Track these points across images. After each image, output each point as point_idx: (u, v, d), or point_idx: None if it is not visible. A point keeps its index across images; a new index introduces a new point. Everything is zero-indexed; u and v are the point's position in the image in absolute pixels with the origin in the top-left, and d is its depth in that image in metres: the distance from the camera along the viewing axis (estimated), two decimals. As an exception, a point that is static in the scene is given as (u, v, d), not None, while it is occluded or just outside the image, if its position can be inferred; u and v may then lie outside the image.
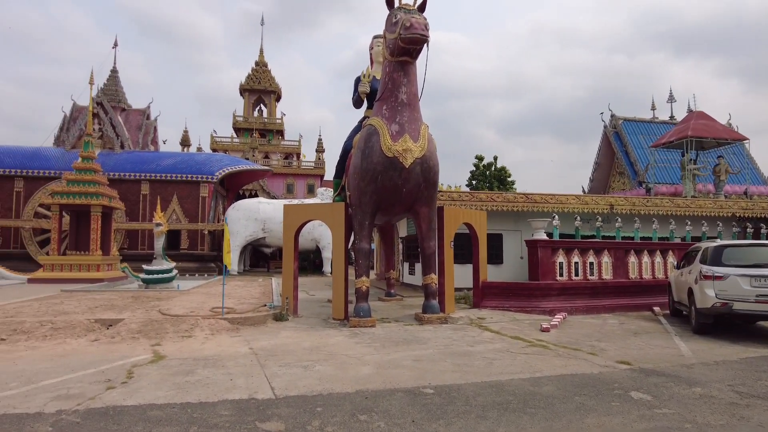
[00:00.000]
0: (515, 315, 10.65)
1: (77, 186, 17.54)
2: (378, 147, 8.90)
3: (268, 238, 26.74)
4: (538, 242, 11.40)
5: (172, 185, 25.88)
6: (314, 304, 12.39)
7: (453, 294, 10.49)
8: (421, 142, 9.12)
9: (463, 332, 8.59)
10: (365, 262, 9.27)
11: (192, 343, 7.29)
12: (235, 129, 48.71)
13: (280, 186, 44.81)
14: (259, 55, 50.98)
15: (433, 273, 9.71)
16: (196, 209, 25.97)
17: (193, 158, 27.51)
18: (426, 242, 9.62)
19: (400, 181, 8.99)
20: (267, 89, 49.70)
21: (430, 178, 9.27)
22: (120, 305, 10.37)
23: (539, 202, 14.98)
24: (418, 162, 9.02)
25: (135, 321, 8.33)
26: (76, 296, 12.11)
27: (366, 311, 9.03)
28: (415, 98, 9.23)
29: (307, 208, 10.05)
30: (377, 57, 11.39)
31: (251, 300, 11.90)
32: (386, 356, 6.57)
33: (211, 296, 12.74)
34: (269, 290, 15.04)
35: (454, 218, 10.41)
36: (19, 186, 24.86)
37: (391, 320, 9.74)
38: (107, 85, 30.01)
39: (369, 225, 9.24)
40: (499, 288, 11.22)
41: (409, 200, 9.31)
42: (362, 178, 9.01)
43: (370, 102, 11.27)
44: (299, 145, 48.67)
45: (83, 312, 9.23)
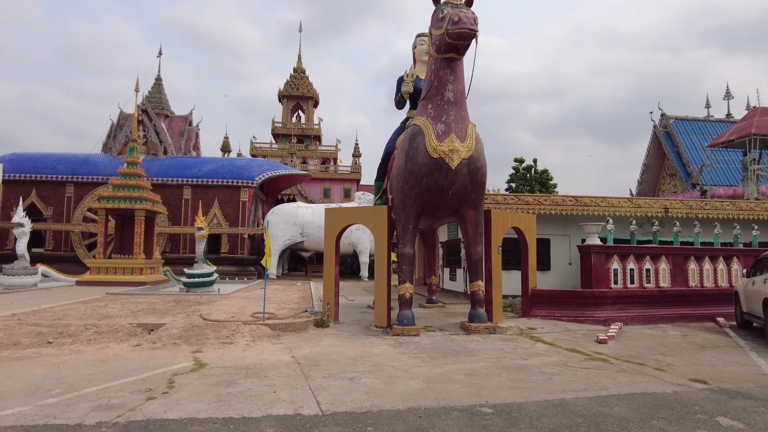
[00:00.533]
0: (567, 325, 10.05)
1: (122, 191, 17.92)
2: (423, 148, 8.54)
3: (307, 242, 26.77)
4: (592, 248, 10.76)
5: (213, 190, 26.26)
6: (354, 309, 12.11)
7: (501, 302, 9.98)
8: (468, 142, 8.71)
9: (514, 343, 8.09)
10: (409, 268, 8.90)
11: (233, 350, 7.09)
12: (273, 135, 49.37)
13: (317, 191, 45.07)
14: (297, 61, 51.59)
15: (481, 280, 9.24)
16: (236, 213, 26.25)
17: (234, 163, 27.86)
18: (473, 247, 9.18)
19: (445, 183, 8.59)
20: (305, 95, 50.18)
21: (478, 179, 8.83)
22: (161, 309, 10.35)
23: (589, 206, 14.26)
24: (465, 163, 8.61)
25: (176, 326, 8.22)
26: (119, 299, 12.24)
27: (410, 319, 8.66)
28: (462, 96, 8.83)
29: (348, 211, 9.78)
30: (420, 56, 11.05)
31: (291, 305, 11.72)
32: (435, 369, 6.17)
33: (251, 300, 12.64)
34: (308, 295, 14.87)
35: (502, 222, 9.92)
36: (70, 191, 25.76)
37: (436, 329, 9.32)
38: (151, 93, 30.84)
39: (413, 229, 8.87)
40: (550, 296, 10.62)
41: (455, 203, 8.90)
42: (406, 181, 8.66)
43: (413, 102, 10.92)
44: (336, 149, 48.83)
45: (126, 316, 9.23)
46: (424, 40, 11.06)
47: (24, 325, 8.04)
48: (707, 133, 23.97)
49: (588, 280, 10.77)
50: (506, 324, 9.73)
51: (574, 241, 15.29)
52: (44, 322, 8.28)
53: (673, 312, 11.07)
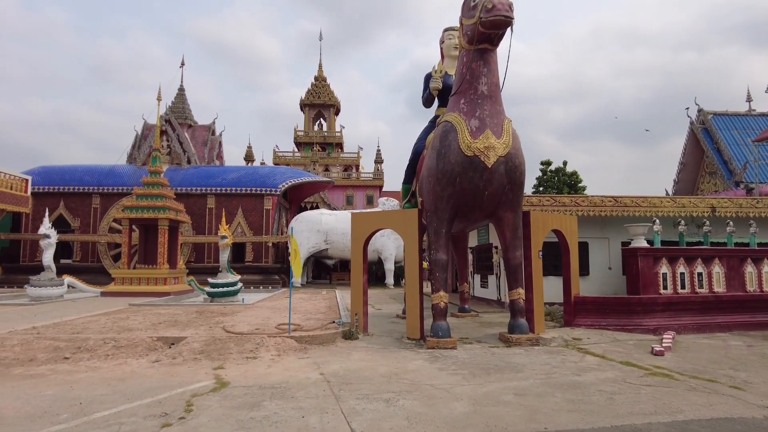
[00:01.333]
0: (614, 334, 9.27)
1: (145, 200, 17.77)
2: (456, 145, 7.94)
3: (331, 249, 26.36)
4: (639, 250, 9.96)
5: (237, 198, 26.09)
6: (383, 320, 11.52)
7: (543, 311, 9.27)
8: (504, 138, 8.08)
9: (561, 356, 7.39)
10: (443, 275, 8.28)
11: (257, 366, 6.58)
12: (296, 143, 49.39)
13: (339, 198, 44.79)
14: (318, 69, 51.62)
15: (521, 287, 8.57)
16: (260, 222, 26.00)
17: (257, 171, 27.68)
18: (511, 252, 8.51)
19: (481, 183, 7.97)
20: (326, 103, 50.12)
21: (516, 178, 8.19)
22: (183, 321, 9.95)
23: (629, 206, 13.41)
24: (501, 161, 7.98)
25: (197, 339, 7.77)
26: (142, 311, 11.91)
27: (445, 331, 8.03)
28: (497, 90, 8.22)
29: (376, 216, 9.23)
30: (449, 51, 10.49)
31: (317, 315, 11.20)
32: (480, 388, 5.53)
33: (276, 311, 12.18)
34: (334, 304, 14.35)
35: (541, 224, 9.24)
36: (96, 202, 25.90)
37: (473, 341, 8.67)
38: (175, 103, 30.99)
39: (446, 233, 8.27)
40: (594, 303, 9.86)
41: (491, 205, 8.26)
42: (438, 181, 8.07)
43: (442, 100, 10.36)
44: (358, 156, 48.56)
45: (146, 329, 8.83)
46: (453, 35, 10.52)
47: (42, 339, 7.69)
48: (750, 128, 22.73)
49: (635, 285, 9.97)
50: (549, 335, 9.01)
51: (613, 245, 14.45)
52: (63, 336, 7.92)
53: (730, 319, 10.19)
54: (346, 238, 26.02)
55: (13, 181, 21.26)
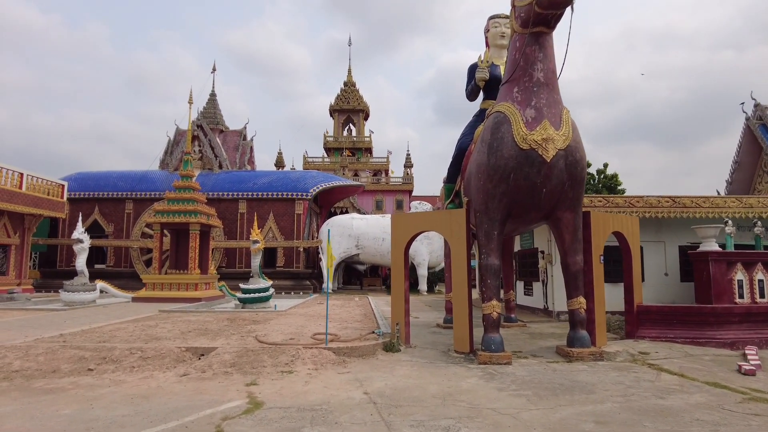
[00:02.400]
0: (685, 348, 8.29)
1: (176, 204, 17.51)
2: (510, 138, 7.18)
3: (362, 254, 25.75)
4: (710, 255, 8.95)
5: (268, 203, 25.77)
6: (423, 329, 10.77)
7: (605, 322, 8.36)
8: (564, 129, 7.27)
9: (632, 374, 6.51)
10: (495, 282, 7.50)
11: (293, 382, 5.94)
12: (325, 149, 49.21)
13: (369, 202, 44.29)
14: (348, 75, 51.40)
15: (582, 296, 7.70)
16: (291, 226, 25.61)
17: (288, 176, 27.36)
18: (571, 257, 7.66)
19: (539, 180, 7.17)
20: (356, 108, 49.83)
21: (577, 174, 7.36)
22: (214, 329, 9.43)
23: (689, 207, 12.32)
24: (561, 154, 7.17)
25: (229, 350, 7.19)
26: (171, 318, 11.48)
27: (499, 344, 7.24)
28: (553, 76, 7.42)
29: (418, 217, 8.52)
30: (494, 40, 9.73)
31: (354, 324, 10.53)
32: (552, 414, 4.74)
33: (309, 318, 11.57)
34: (369, 311, 13.67)
35: (602, 226, 8.36)
36: (129, 208, 26.00)
37: (527, 354, 7.84)
38: (206, 109, 31.02)
39: (498, 236, 7.48)
40: (660, 313, 8.88)
41: (549, 204, 7.45)
42: (489, 178, 7.30)
43: (488, 92, 9.61)
44: (387, 161, 48.02)
45: (175, 337, 8.32)
46: (499, 22, 9.77)
47: (68, 349, 7.25)
48: (812, 125, 21.07)
49: (705, 293, 8.95)
50: (612, 348, 8.10)
51: (670, 249, 13.36)
52: (89, 345, 7.47)
53: (816, 333, 9.07)
54: (377, 243, 25.36)
55: (49, 187, 21.43)
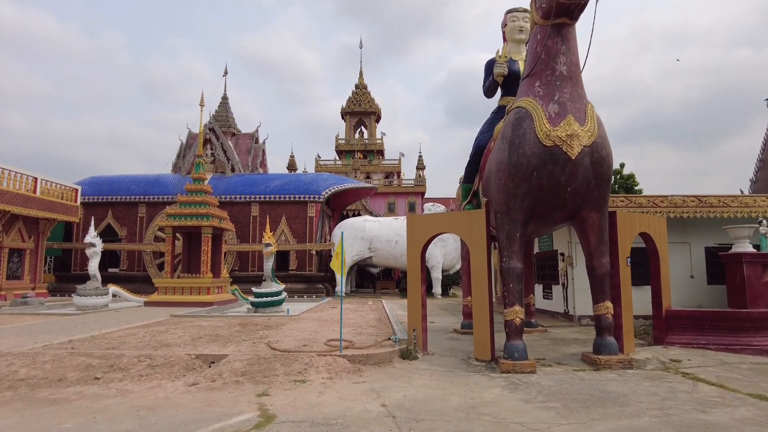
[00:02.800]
0: (719, 356, 7.85)
1: (188, 208, 17.37)
2: (532, 134, 6.83)
3: (375, 257, 25.47)
4: (744, 256, 8.50)
5: (280, 206, 25.62)
6: (439, 334, 10.42)
7: (632, 328, 7.95)
8: (589, 124, 6.91)
9: (666, 384, 6.11)
10: (517, 287, 7.13)
11: (307, 392, 5.64)
12: (337, 152, 49.10)
13: (381, 205, 44.03)
14: (359, 77, 51.28)
15: (608, 300, 7.31)
16: (304, 229, 25.42)
17: (300, 179, 27.19)
18: (597, 259, 7.28)
19: (563, 178, 6.81)
20: (367, 110, 49.67)
21: (603, 172, 6.99)
22: (225, 335, 9.18)
23: (716, 206, 11.83)
24: (586, 151, 6.81)
25: (240, 358, 6.92)
26: (182, 323, 11.27)
27: (522, 351, 6.88)
28: (577, 70, 7.07)
29: (436, 219, 8.19)
30: (512, 34, 9.38)
31: (368, 329, 10.22)
32: (585, 429, 4.39)
33: (322, 323, 11.29)
34: (383, 316, 13.35)
35: (629, 226, 7.96)
36: (142, 211, 26.02)
37: (551, 362, 7.46)
38: (218, 112, 31.00)
39: (520, 238, 7.13)
40: (691, 318, 8.44)
41: (574, 203, 7.08)
42: (511, 177, 6.96)
43: (506, 88, 9.26)
44: (399, 163, 47.73)
45: (185, 344, 8.08)
46: (516, 16, 9.42)
47: (76, 356, 7.04)
48: (840, 121, 20.39)
49: (739, 297, 8.50)
50: (641, 355, 7.69)
51: (695, 250, 12.87)
52: (97, 352, 7.26)
53: None
54: (390, 246, 25.05)
55: (63, 191, 21.47)
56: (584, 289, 12.44)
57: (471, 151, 9.19)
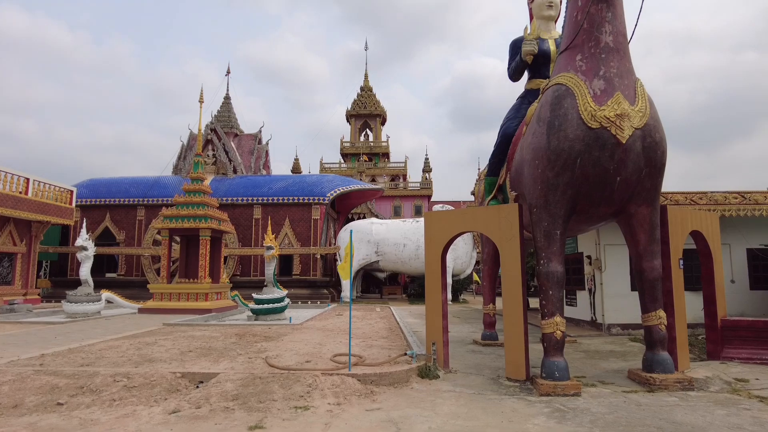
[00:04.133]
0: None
1: (186, 209, 16.41)
2: (575, 114, 5.82)
3: (382, 261, 24.42)
4: (811, 259, 7.41)
5: (284, 208, 24.65)
6: (458, 346, 9.37)
7: (687, 340, 6.89)
8: (640, 104, 5.90)
9: (745, 412, 5.05)
10: (558, 294, 6.10)
11: (310, 424, 4.61)
12: (342, 155, 48.24)
13: (387, 208, 43.09)
14: (364, 80, 50.44)
15: (661, 308, 6.27)
16: (308, 232, 24.42)
17: (304, 180, 26.20)
18: (647, 261, 6.24)
19: (611, 166, 5.79)
20: (372, 113, 48.79)
21: (657, 160, 5.97)
22: (219, 348, 8.17)
23: (762, 203, 10.75)
24: (638, 135, 5.79)
25: (233, 377, 5.92)
26: (174, 333, 10.26)
27: (563, 370, 5.84)
28: (624, 41, 6.07)
29: (459, 215, 7.15)
30: (540, 11, 8.37)
31: (379, 341, 9.19)
32: (677, 483, 3.34)
33: (328, 333, 10.26)
34: (393, 324, 12.32)
35: (680, 224, 6.92)
36: (141, 214, 25.12)
37: (594, 381, 6.40)
38: (220, 112, 30.14)
39: (561, 236, 6.10)
40: (752, 329, 7.37)
41: (622, 196, 6.05)
42: (550, 165, 5.94)
43: (534, 70, 8.25)
44: (405, 166, 46.76)
45: (172, 359, 7.07)
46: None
47: (42, 375, 6.05)
48: None
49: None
50: (699, 373, 6.63)
51: (736, 252, 11.78)
52: (68, 370, 6.26)
53: None
54: (398, 249, 24.00)
55: (58, 193, 20.57)
56: (615, 294, 11.41)
57: (496, 140, 8.16)
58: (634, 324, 11.20)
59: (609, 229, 11.59)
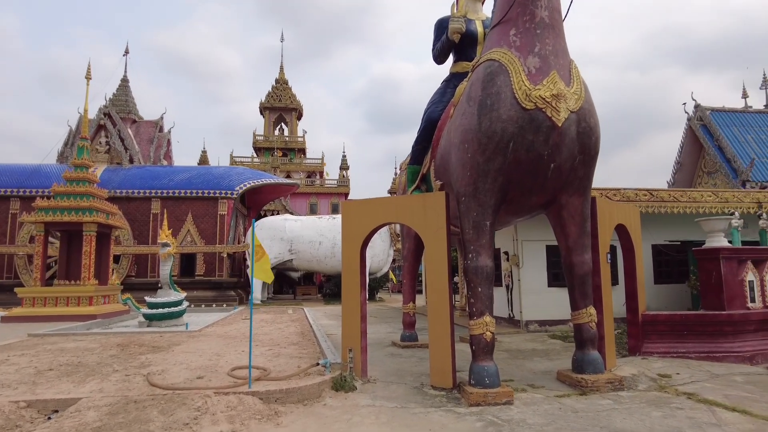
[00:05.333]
0: (704, 366, 6.76)
1: (67, 200, 14.24)
2: (509, 93, 5.26)
3: (296, 260, 23.24)
4: (721, 251, 7.55)
5: (186, 202, 22.60)
6: (376, 349, 8.62)
7: (614, 337, 6.64)
8: (575, 85, 5.48)
9: (679, 412, 4.76)
10: (488, 291, 5.53)
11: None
12: (255, 149, 46.09)
13: (303, 205, 41.77)
14: (280, 72, 48.60)
15: (591, 305, 5.93)
16: (213, 229, 22.58)
17: (211, 172, 24.26)
18: (577, 255, 5.86)
19: (546, 151, 5.31)
20: (288, 107, 47.10)
21: (592, 146, 5.59)
22: (91, 363, 6.75)
23: (667, 201, 11.13)
24: (573, 119, 5.36)
25: (99, 403, 4.69)
26: (40, 345, 8.53)
27: (494, 376, 5.27)
28: (559, 18, 5.63)
29: (382, 204, 6.36)
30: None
31: (288, 348, 8.20)
32: None
33: (230, 341, 9.08)
34: (307, 328, 11.34)
35: (608, 217, 6.67)
36: (15, 207, 21.86)
37: (523, 385, 5.92)
38: (116, 95, 27.21)
39: (491, 228, 5.53)
40: (669, 323, 7.34)
41: (554, 185, 5.61)
42: (481, 149, 5.33)
43: (460, 52, 7.70)
44: (322, 163, 45.64)
45: (20, 382, 5.61)
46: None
47: None
48: (747, 125, 21.32)
49: (716, 297, 7.53)
50: (625, 370, 6.39)
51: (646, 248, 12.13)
52: None
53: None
54: (313, 247, 22.94)
55: None
56: (532, 291, 11.29)
57: (420, 126, 7.51)
58: (551, 320, 11.15)
59: (527, 225, 11.46)
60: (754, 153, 20.13)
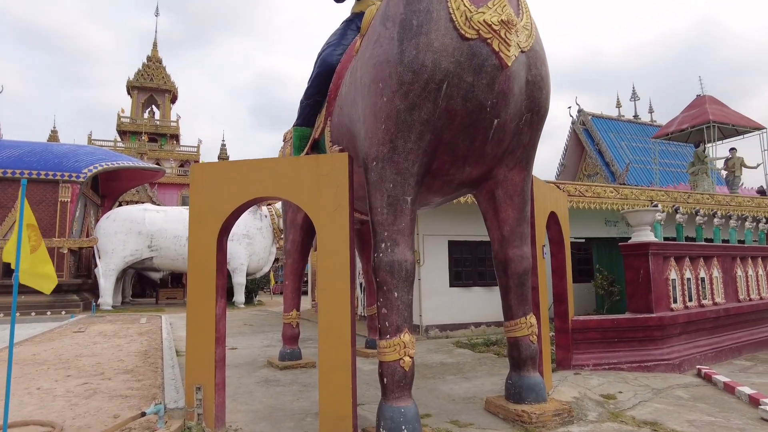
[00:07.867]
0: (640, 379, 5.79)
1: None
2: (443, 14, 3.64)
3: (158, 258, 19.84)
4: (650, 246, 6.72)
5: (14, 185, 18.16)
6: (245, 373, 6.59)
7: (550, 352, 5.37)
8: (525, 19, 4.02)
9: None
10: (407, 295, 3.87)
11: None
12: (120, 132, 40.54)
13: (174, 197, 37.48)
14: (153, 49, 43.36)
15: (532, 314, 4.55)
16: (52, 219, 18.41)
17: (50, 149, 19.87)
18: (515, 246, 4.44)
19: (489, 101, 3.76)
20: (161, 87, 42.10)
21: (542, 102, 4.16)
22: None
23: (573, 195, 10.50)
24: (523, 61, 3.89)
25: None
26: None
27: (413, 421, 3.62)
28: (506, -74, 4.14)
29: (255, 168, 4.30)
30: None
31: (116, 378, 5.82)
32: None
33: (35, 368, 6.41)
34: (158, 343, 8.87)
35: (543, 202, 5.41)
36: None
37: (447, 423, 4.36)
38: None
39: (412, 206, 3.88)
40: (600, 329, 6.30)
41: (495, 151, 4.11)
42: (403, 90, 3.63)
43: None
44: (198, 151, 41.46)
45: None
46: None
47: None
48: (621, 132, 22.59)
49: (643, 298, 6.69)
50: (564, 393, 5.13)
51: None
52: None
53: (737, 339, 7.64)
54: (178, 243, 19.61)
55: None
56: (433, 292, 9.99)
57: (311, 74, 5.64)
58: (452, 324, 9.97)
59: (428, 218, 10.17)
60: (628, 158, 21.26)
